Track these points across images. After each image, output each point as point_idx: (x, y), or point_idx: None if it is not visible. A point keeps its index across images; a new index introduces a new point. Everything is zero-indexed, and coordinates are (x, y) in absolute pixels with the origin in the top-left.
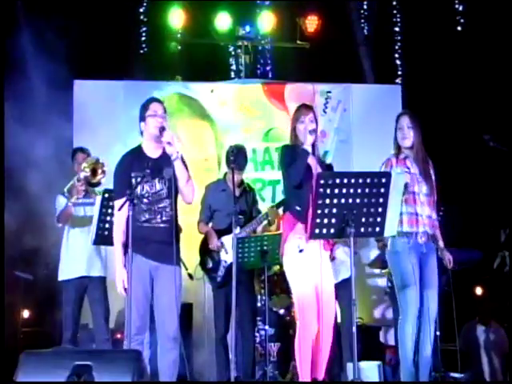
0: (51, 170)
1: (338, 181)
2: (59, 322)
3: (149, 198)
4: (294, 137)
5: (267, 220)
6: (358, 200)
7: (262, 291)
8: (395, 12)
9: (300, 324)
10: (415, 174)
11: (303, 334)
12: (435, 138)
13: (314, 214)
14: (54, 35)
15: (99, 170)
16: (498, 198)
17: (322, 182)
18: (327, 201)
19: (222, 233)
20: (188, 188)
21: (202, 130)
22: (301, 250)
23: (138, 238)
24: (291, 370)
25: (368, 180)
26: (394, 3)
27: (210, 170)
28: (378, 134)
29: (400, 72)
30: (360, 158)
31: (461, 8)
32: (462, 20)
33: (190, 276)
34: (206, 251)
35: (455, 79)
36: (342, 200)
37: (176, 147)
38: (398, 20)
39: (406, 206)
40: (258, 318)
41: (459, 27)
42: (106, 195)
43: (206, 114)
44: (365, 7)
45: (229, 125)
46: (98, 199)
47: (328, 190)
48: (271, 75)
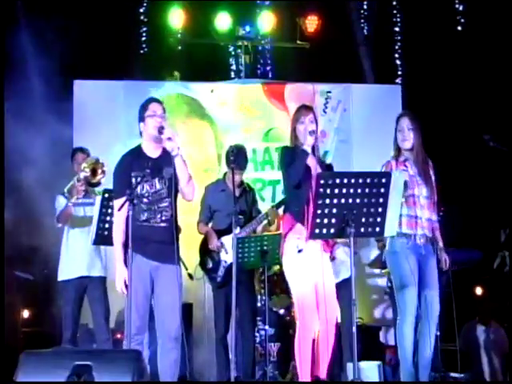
0: (51, 170)
1: (338, 181)
2: (59, 322)
3: (149, 198)
4: (293, 137)
5: (267, 220)
6: (358, 200)
7: (262, 291)
8: (395, 12)
9: (300, 324)
10: (415, 176)
11: (303, 334)
12: (435, 138)
13: (314, 213)
14: (54, 35)
15: (99, 169)
16: (498, 198)
17: (321, 182)
18: (327, 201)
19: (221, 233)
20: (189, 186)
21: (201, 130)
22: (300, 250)
23: (137, 237)
24: (291, 370)
25: (368, 180)
26: (394, 3)
27: (209, 170)
28: (378, 134)
29: (400, 72)
30: (360, 158)
31: (461, 8)
32: (463, 20)
33: (190, 276)
34: (206, 251)
35: (455, 79)
36: (342, 200)
37: (177, 143)
38: (398, 20)
39: (406, 208)
40: (258, 318)
41: (459, 27)
42: (106, 195)
43: (206, 113)
44: (365, 7)
45: (229, 125)
46: (98, 199)
47: (328, 190)
48: (271, 75)
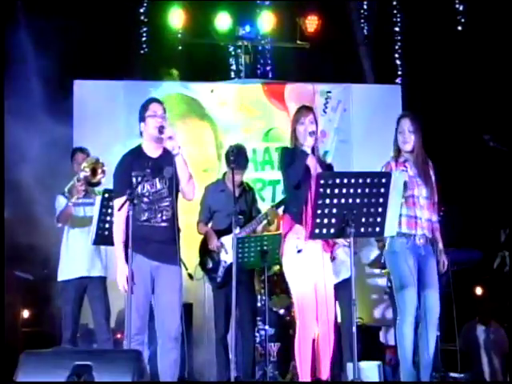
0: (51, 170)
1: (338, 181)
2: (59, 322)
3: (149, 198)
4: (293, 138)
5: (267, 220)
6: (358, 200)
7: (262, 291)
8: (395, 12)
9: (299, 324)
10: (414, 177)
11: (303, 334)
12: (435, 138)
13: (313, 213)
14: (54, 35)
15: (99, 169)
16: (498, 198)
17: (321, 181)
18: (327, 201)
19: (221, 233)
20: (189, 185)
21: (201, 130)
22: (299, 251)
23: (138, 237)
24: (291, 370)
25: (368, 180)
26: (394, 3)
27: (209, 170)
28: (378, 133)
29: (400, 72)
30: (360, 158)
31: (461, 8)
32: (463, 20)
33: (190, 276)
34: (206, 251)
35: (455, 79)
36: (342, 200)
37: (177, 142)
38: (398, 20)
39: (406, 209)
40: (258, 318)
41: (459, 27)
42: (106, 195)
43: (206, 113)
44: (365, 7)
45: (229, 125)
46: (98, 199)
47: (328, 190)
48: (271, 75)
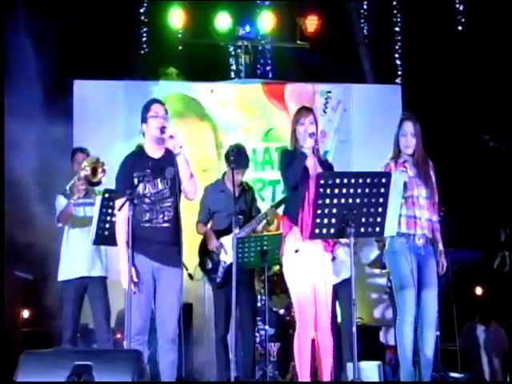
0: (50, 170)
1: (338, 181)
2: (59, 322)
3: (151, 198)
4: (294, 139)
5: (266, 220)
6: (358, 200)
7: (262, 291)
8: (395, 12)
9: (298, 324)
10: (414, 178)
11: (302, 334)
12: (435, 138)
13: (314, 213)
14: (54, 35)
15: (99, 168)
16: (498, 198)
17: (321, 182)
18: (327, 201)
19: (221, 233)
20: (191, 184)
21: (202, 130)
22: (296, 251)
23: (140, 238)
24: (291, 370)
25: (368, 180)
26: (394, 3)
27: (209, 170)
28: (378, 133)
29: (400, 72)
30: (360, 158)
31: (461, 7)
32: (463, 19)
33: (190, 276)
34: (206, 252)
35: (455, 79)
36: (342, 200)
37: (179, 141)
38: (398, 20)
39: (405, 209)
40: (258, 318)
41: (460, 27)
42: (106, 195)
43: (206, 113)
44: (365, 7)
45: (229, 125)
46: (98, 199)
47: (328, 190)
48: (271, 75)
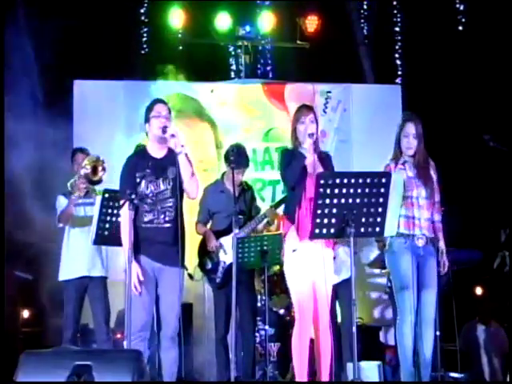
0: (50, 170)
1: (338, 181)
2: (59, 322)
3: (152, 198)
4: (294, 138)
5: (267, 220)
6: (358, 200)
7: (262, 291)
8: (395, 12)
9: (297, 323)
10: (414, 178)
11: (300, 333)
12: (435, 138)
13: (314, 213)
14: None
15: (100, 166)
16: (498, 198)
17: (321, 182)
18: (327, 201)
19: (221, 234)
20: (192, 183)
21: (202, 130)
22: (294, 250)
23: (141, 238)
24: (291, 370)
25: (368, 180)
26: (394, 3)
27: (209, 170)
28: (378, 133)
29: (400, 72)
30: (360, 158)
31: (462, 7)
32: (463, 19)
33: (190, 276)
34: (205, 252)
35: (455, 79)
36: (342, 200)
37: (180, 140)
38: (398, 20)
39: (404, 210)
40: (258, 318)
41: (460, 27)
42: (106, 195)
43: (206, 113)
44: (365, 7)
45: (229, 125)
46: (98, 199)
47: (328, 190)
48: (271, 75)
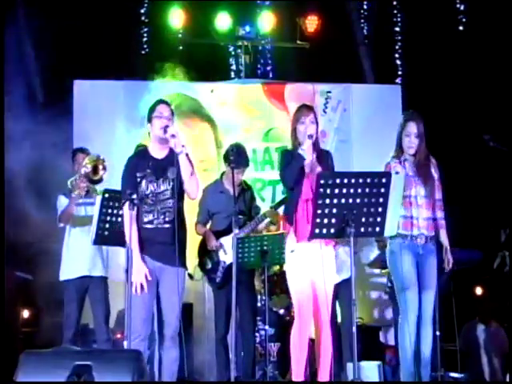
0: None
1: (338, 181)
2: (59, 322)
3: (152, 199)
4: (293, 138)
5: (269, 220)
6: (358, 200)
7: (262, 291)
8: (395, 12)
9: (295, 322)
10: (413, 177)
11: (299, 333)
12: (435, 138)
13: (314, 213)
14: (54, 35)
15: (100, 165)
16: (498, 198)
17: (322, 182)
18: (327, 201)
19: (221, 234)
20: (192, 182)
21: (201, 130)
22: (291, 251)
23: (142, 238)
24: (291, 370)
25: (368, 180)
26: (394, 3)
27: (209, 170)
28: (378, 133)
29: (400, 72)
30: (360, 158)
31: (462, 7)
32: (464, 19)
33: (190, 276)
34: (205, 252)
35: (455, 79)
36: (342, 200)
37: (180, 140)
38: (398, 20)
39: (402, 209)
40: (258, 318)
41: (461, 27)
42: (106, 195)
43: (206, 113)
44: (365, 7)
45: (229, 125)
46: (98, 199)
47: (328, 190)
48: (271, 75)
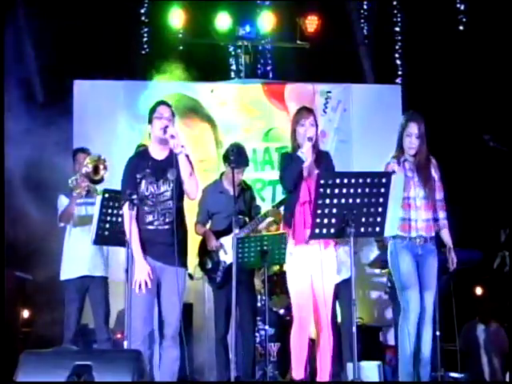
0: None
1: (338, 181)
2: (59, 322)
3: (152, 200)
4: (293, 140)
5: (273, 219)
6: (358, 200)
7: (262, 291)
8: (395, 12)
9: (294, 323)
10: (412, 178)
11: (298, 334)
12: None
13: (314, 213)
14: (54, 35)
15: (101, 165)
16: (498, 198)
17: (322, 181)
18: (327, 201)
19: (221, 234)
20: (191, 182)
21: (201, 130)
22: (290, 253)
23: (143, 239)
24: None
25: (368, 180)
26: (394, 3)
27: (209, 170)
28: (378, 133)
29: (400, 72)
30: (360, 158)
31: (462, 7)
32: (464, 19)
33: (190, 276)
34: (205, 252)
35: (456, 79)
36: (342, 200)
37: (180, 141)
38: (398, 20)
39: (401, 211)
40: (258, 318)
41: (461, 26)
42: (106, 195)
43: (206, 113)
44: (365, 7)
45: (229, 125)
46: (98, 199)
47: (328, 190)
48: (271, 75)
